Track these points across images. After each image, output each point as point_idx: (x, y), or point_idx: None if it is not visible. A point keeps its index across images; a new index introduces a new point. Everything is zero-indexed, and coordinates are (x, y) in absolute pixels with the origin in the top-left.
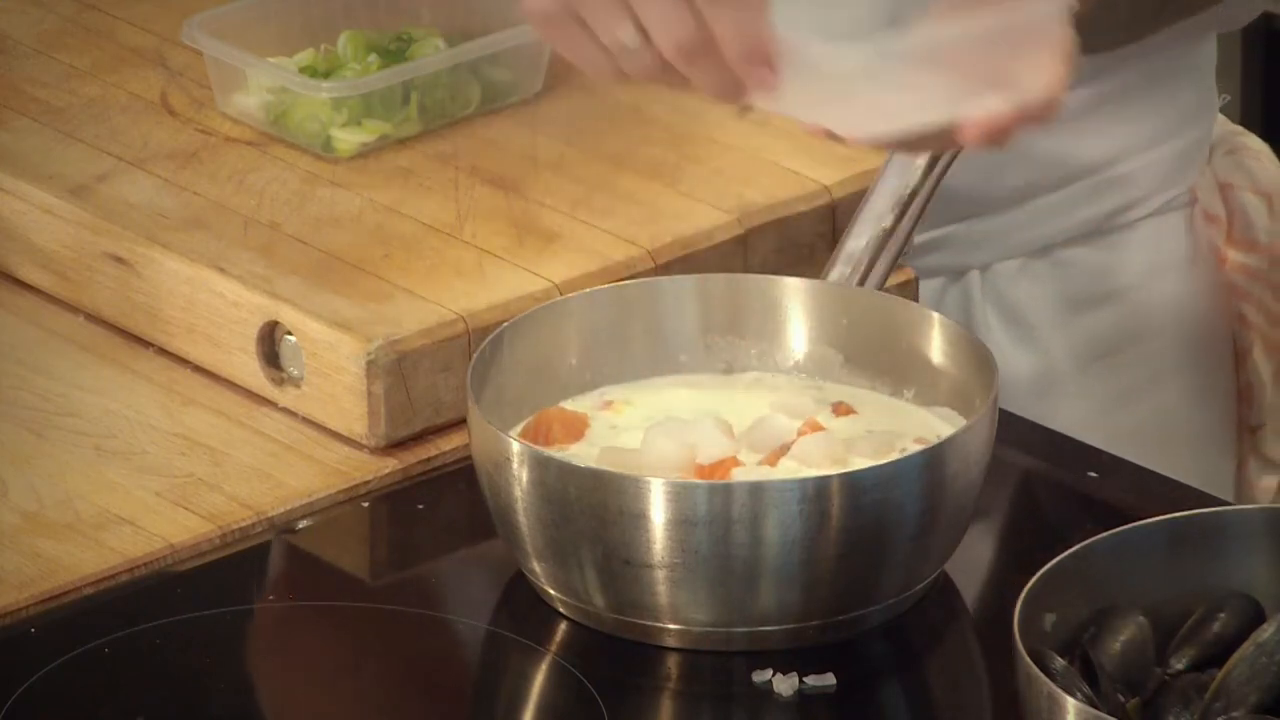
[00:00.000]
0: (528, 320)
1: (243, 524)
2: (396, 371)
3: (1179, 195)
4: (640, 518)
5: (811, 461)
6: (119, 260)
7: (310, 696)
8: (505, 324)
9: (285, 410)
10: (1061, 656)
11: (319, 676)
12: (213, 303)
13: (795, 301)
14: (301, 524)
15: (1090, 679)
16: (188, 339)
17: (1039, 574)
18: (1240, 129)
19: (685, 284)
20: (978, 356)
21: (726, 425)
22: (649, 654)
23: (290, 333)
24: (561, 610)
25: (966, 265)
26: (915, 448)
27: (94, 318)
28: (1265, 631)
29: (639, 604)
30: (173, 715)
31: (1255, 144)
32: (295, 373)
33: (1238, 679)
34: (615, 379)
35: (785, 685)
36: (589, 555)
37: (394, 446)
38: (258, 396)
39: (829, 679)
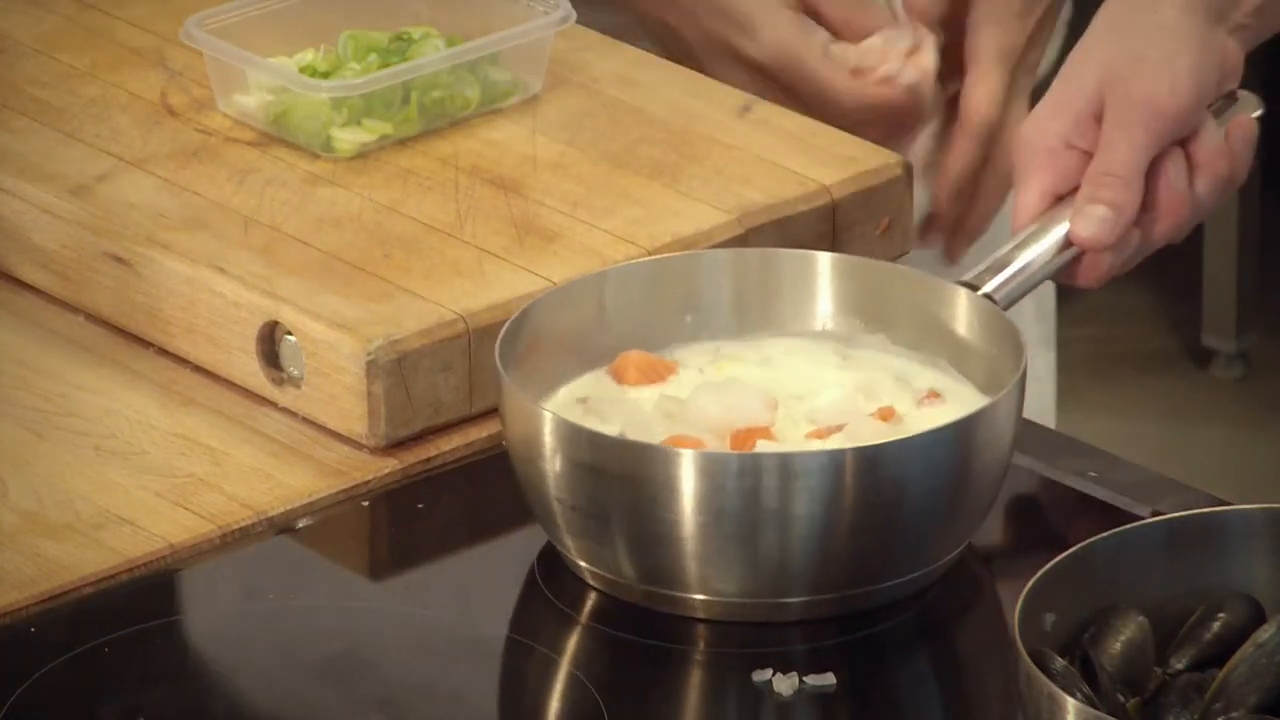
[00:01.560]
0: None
1: (243, 524)
2: (396, 371)
3: None
4: (666, 488)
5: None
6: (119, 260)
7: (310, 696)
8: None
9: (285, 410)
10: (1061, 656)
11: (319, 676)
12: (213, 303)
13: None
14: (301, 524)
15: (1090, 679)
16: (188, 339)
17: (1039, 574)
18: None
19: (814, 259)
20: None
21: (770, 397)
22: (650, 654)
23: (290, 333)
24: (591, 582)
25: None
26: None
27: (94, 318)
28: (1265, 631)
29: (667, 574)
30: (173, 715)
31: None
32: (295, 373)
33: (1238, 679)
34: (730, 335)
35: (785, 685)
36: (618, 525)
37: (394, 446)
38: (258, 396)
39: (829, 679)
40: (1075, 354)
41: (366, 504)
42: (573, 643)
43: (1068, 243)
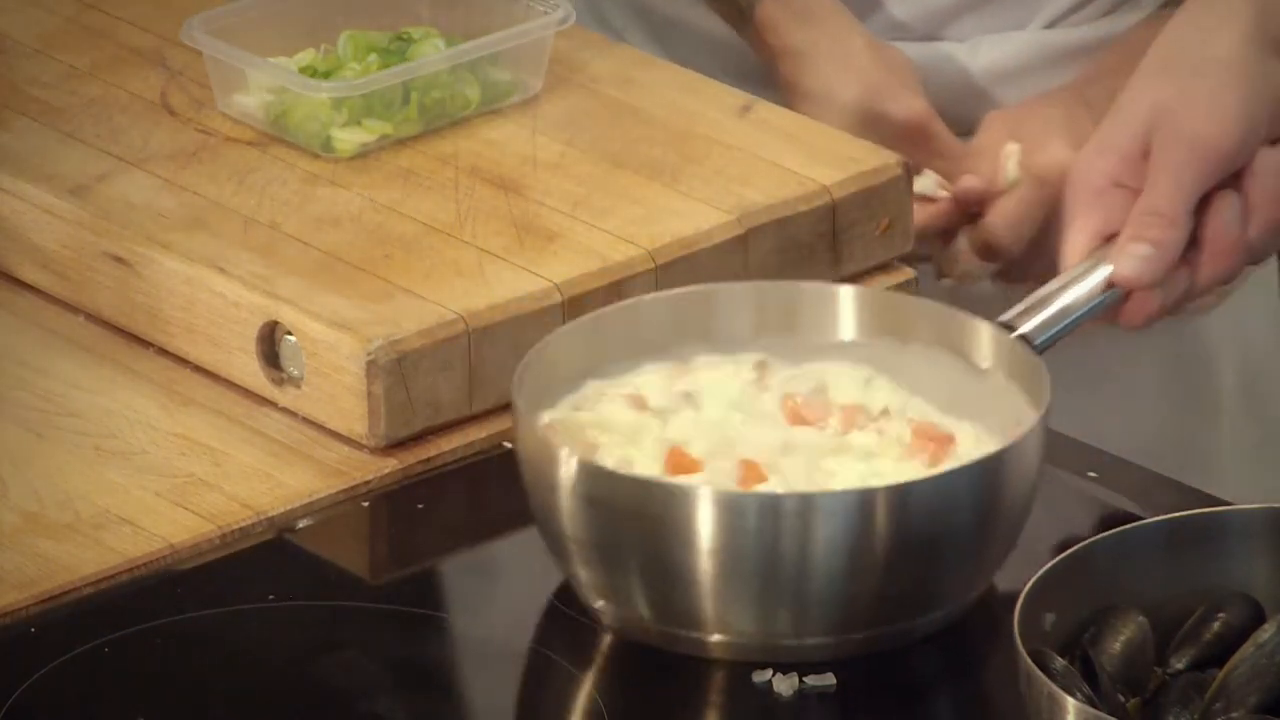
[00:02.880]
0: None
1: (243, 524)
2: (396, 371)
3: None
4: (686, 528)
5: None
6: (119, 260)
7: (310, 697)
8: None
9: (285, 410)
10: (1061, 656)
11: (319, 676)
12: (213, 303)
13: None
14: (301, 524)
15: (1090, 679)
16: (188, 339)
17: (1039, 574)
18: None
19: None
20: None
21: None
22: (648, 654)
23: (290, 333)
24: (606, 621)
25: None
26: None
27: (94, 318)
28: (1265, 631)
29: (685, 614)
30: (173, 715)
31: None
32: (295, 373)
33: (1238, 679)
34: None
35: (785, 685)
36: (634, 563)
37: (394, 446)
38: (258, 396)
39: (829, 679)
40: None
41: (366, 504)
42: (571, 641)
43: (1111, 283)
